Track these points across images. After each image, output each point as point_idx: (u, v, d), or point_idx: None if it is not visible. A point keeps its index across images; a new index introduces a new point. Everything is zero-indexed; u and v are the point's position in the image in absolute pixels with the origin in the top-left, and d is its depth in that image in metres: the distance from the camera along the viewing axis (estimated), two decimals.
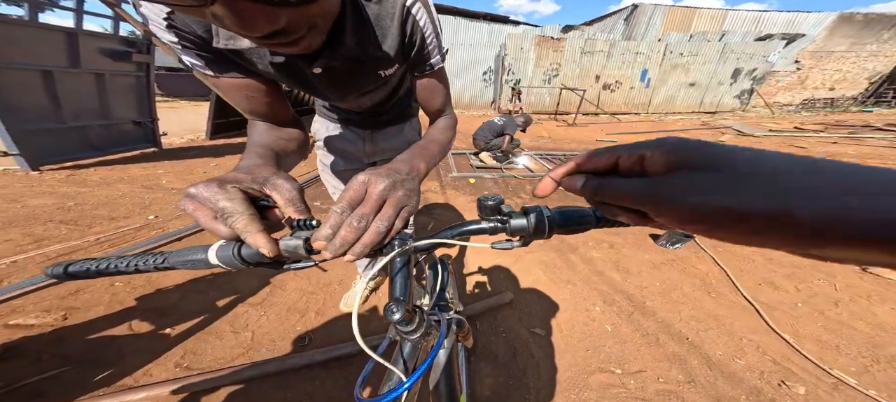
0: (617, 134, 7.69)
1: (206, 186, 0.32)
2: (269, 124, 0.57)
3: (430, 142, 0.60)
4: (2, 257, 1.57)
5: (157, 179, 2.99)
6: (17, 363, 0.97)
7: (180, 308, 1.33)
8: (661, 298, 1.68)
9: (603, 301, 1.63)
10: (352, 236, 0.32)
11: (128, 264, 0.33)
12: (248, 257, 0.32)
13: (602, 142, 6.96)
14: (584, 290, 1.71)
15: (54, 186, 2.56)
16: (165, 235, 1.90)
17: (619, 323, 1.49)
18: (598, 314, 1.54)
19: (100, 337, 1.13)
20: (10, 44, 2.72)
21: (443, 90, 0.67)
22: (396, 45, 0.57)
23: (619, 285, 1.78)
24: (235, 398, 0.98)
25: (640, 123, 9.76)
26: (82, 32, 3.22)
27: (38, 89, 2.98)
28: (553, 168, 0.29)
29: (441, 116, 0.70)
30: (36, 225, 1.91)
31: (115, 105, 3.67)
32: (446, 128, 0.67)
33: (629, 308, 1.59)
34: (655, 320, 1.52)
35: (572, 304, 1.60)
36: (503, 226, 0.36)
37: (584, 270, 1.91)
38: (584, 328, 1.44)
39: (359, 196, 0.34)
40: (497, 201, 0.36)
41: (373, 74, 0.62)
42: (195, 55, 0.46)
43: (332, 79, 0.58)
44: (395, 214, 0.35)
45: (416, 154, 0.50)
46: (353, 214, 0.32)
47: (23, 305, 1.24)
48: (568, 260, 2.00)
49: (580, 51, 10.75)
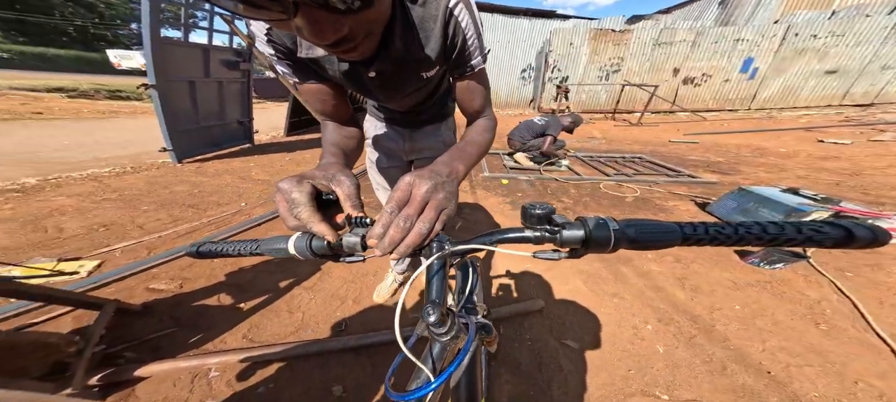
0: (697, 134, 6.41)
1: (289, 181, 0.38)
2: (336, 124, 0.67)
3: (469, 143, 0.60)
4: (154, 232, 2.16)
5: (248, 172, 3.62)
6: (150, 320, 1.35)
7: (253, 286, 1.62)
8: (740, 323, 1.40)
9: (657, 320, 1.43)
10: (398, 236, 0.34)
11: (234, 249, 0.41)
12: (317, 249, 0.38)
13: (676, 142, 5.84)
14: (633, 305, 1.52)
15: (188, 177, 3.33)
16: (251, 220, 2.33)
17: (674, 345, 1.30)
18: (648, 333, 1.36)
19: (199, 305, 1.47)
20: (173, 61, 3.52)
21: (483, 92, 0.67)
22: (439, 48, 0.58)
23: (681, 304, 1.54)
24: (283, 373, 1.16)
25: (736, 122, 7.96)
26: (212, 47, 4.01)
27: (185, 96, 3.82)
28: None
29: (480, 117, 0.69)
30: (174, 208, 2.55)
31: (227, 108, 4.54)
32: (485, 129, 0.66)
33: (692, 331, 1.37)
34: (726, 348, 1.28)
35: (616, 319, 1.44)
36: (552, 236, 0.34)
37: (638, 284, 1.67)
38: (628, 347, 1.30)
39: (405, 197, 0.36)
40: (546, 211, 0.35)
41: (416, 76, 0.65)
42: (285, 65, 0.58)
43: (383, 81, 0.63)
44: (435, 216, 0.36)
45: (455, 156, 0.51)
46: (400, 214, 0.35)
47: (158, 273, 1.69)
48: (617, 272, 1.76)
49: (651, 43, 9.49)
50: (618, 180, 3.46)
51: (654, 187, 3.30)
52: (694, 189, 3.21)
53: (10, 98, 9.10)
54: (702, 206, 2.74)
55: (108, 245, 1.96)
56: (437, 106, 0.98)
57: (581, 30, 9.73)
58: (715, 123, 8.04)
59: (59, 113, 7.48)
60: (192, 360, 1.13)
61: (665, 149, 5.36)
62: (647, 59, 9.81)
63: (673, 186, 3.32)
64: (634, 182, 3.43)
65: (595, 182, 3.42)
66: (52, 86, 11.82)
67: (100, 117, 7.46)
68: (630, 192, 3.15)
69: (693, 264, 1.84)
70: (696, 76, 9.78)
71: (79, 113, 7.80)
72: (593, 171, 3.89)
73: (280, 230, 2.27)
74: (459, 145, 0.58)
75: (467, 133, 0.65)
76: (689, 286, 1.66)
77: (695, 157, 4.70)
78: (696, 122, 8.30)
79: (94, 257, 1.84)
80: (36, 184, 2.96)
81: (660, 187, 3.30)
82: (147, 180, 3.16)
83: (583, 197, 3.03)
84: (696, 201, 2.87)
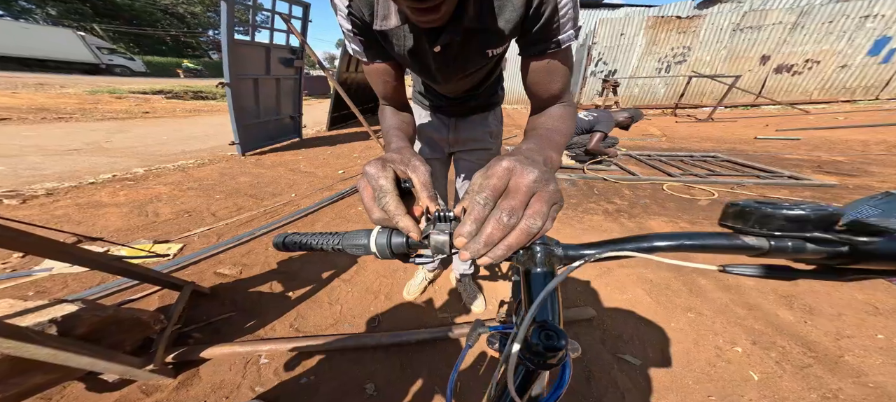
0: (797, 129, 5.27)
1: (375, 164, 0.35)
2: (394, 109, 0.69)
3: (554, 132, 0.51)
4: (222, 219, 2.45)
5: (297, 164, 3.88)
6: (215, 303, 1.52)
7: (300, 275, 1.74)
8: (883, 356, 1.12)
9: (751, 342, 1.21)
10: (498, 234, 0.27)
11: (317, 242, 0.37)
12: (396, 248, 0.34)
13: (765, 139, 4.95)
14: (716, 323, 1.30)
15: (250, 168, 3.70)
16: (298, 211, 2.49)
17: (777, 374, 1.09)
18: (737, 356, 1.16)
19: (254, 292, 1.62)
20: (241, 60, 3.88)
21: (566, 74, 0.57)
22: (515, 19, 0.51)
23: (788, 326, 1.28)
24: (322, 365, 1.22)
25: (858, 115, 6.45)
26: (273, 46, 4.34)
27: (250, 93, 4.21)
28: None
29: (557, 103, 0.59)
30: (239, 197, 2.87)
31: (282, 103, 4.92)
32: (566, 117, 0.56)
33: (805, 359, 1.14)
34: (861, 384, 1.04)
35: (692, 336, 1.24)
36: (779, 246, 0.26)
37: (721, 298, 1.42)
38: (707, 369, 1.11)
39: (502, 186, 0.29)
40: (818, 212, 0.25)
41: (481, 53, 0.61)
42: (358, 42, 0.59)
43: (446, 58, 0.61)
44: (548, 211, 0.28)
45: (545, 144, 0.45)
46: (500, 207, 0.28)
47: (224, 258, 1.91)
48: (692, 283, 1.51)
49: (730, 28, 8.41)
50: (686, 181, 3.00)
51: (740, 189, 2.79)
52: (800, 193, 2.70)
53: (128, 100, 11.13)
54: None
55: (189, 230, 2.27)
56: (488, 93, 0.94)
57: (635, 18, 8.97)
58: (822, 116, 6.64)
59: (160, 112, 8.94)
60: (247, 346, 1.24)
61: (750, 147, 4.64)
62: (723, 47, 8.76)
63: (767, 190, 2.78)
64: (709, 184, 2.94)
65: (656, 183, 3.00)
66: (155, 89, 14.16)
67: (188, 116, 8.72)
68: (704, 194, 2.71)
69: (805, 279, 1.50)
70: (794, 63, 8.34)
71: (173, 112, 9.23)
72: (652, 170, 3.43)
73: (324, 225, 2.40)
74: (542, 133, 0.49)
75: (545, 120, 0.55)
76: (799, 307, 1.37)
77: (796, 155, 3.98)
78: (793, 116, 7.03)
79: (179, 240, 2.16)
80: (143, 174, 3.57)
81: (747, 189, 2.80)
82: (219, 171, 3.60)
83: (641, 199, 2.68)
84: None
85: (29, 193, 2.73)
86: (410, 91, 1.07)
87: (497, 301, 1.55)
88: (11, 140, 4.73)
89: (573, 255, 0.32)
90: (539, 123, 0.55)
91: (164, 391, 1.08)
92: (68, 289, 1.57)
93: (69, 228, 2.18)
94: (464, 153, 1.09)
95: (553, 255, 0.32)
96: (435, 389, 1.13)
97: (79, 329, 0.94)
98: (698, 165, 3.68)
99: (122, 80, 19.00)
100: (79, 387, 1.04)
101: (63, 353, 0.84)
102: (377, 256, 0.34)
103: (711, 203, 2.57)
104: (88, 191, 2.86)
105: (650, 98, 9.54)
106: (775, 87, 8.74)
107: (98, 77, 19.46)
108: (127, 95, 12.68)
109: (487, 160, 1.12)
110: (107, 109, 8.62)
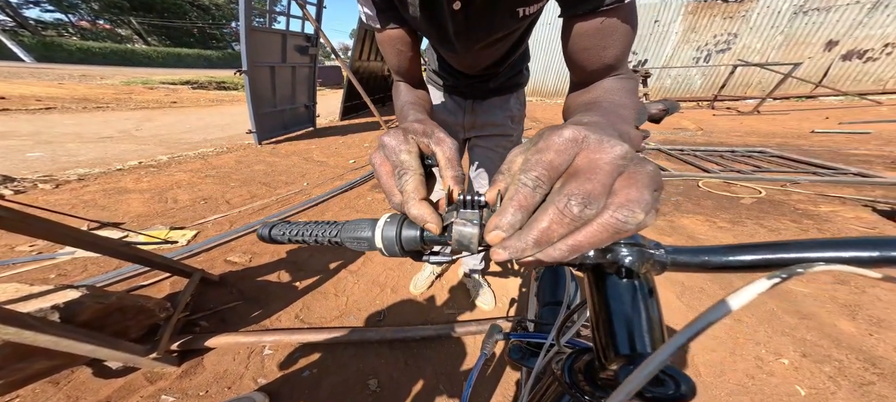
0: (866, 122, 4.75)
1: (394, 134, 0.30)
2: (408, 86, 0.64)
3: (620, 106, 0.38)
4: (237, 207, 2.48)
5: (310, 153, 3.89)
6: (222, 291, 1.53)
7: (307, 265, 1.71)
8: None
9: (801, 354, 1.09)
10: (560, 229, 0.19)
11: (310, 234, 0.32)
12: (407, 242, 0.28)
13: (824, 133, 4.48)
14: (758, 331, 1.18)
15: (264, 157, 3.74)
16: (310, 200, 2.48)
17: (829, 390, 0.98)
18: (782, 369, 1.04)
19: (262, 280, 1.61)
20: (259, 47, 3.88)
21: (626, 35, 0.42)
22: None
23: (848, 339, 1.14)
24: (325, 358, 1.18)
25: None
26: (289, 33, 4.31)
27: (267, 81, 4.21)
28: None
29: (612, 74, 0.45)
30: (253, 185, 2.90)
31: (297, 92, 4.93)
32: (629, 91, 0.43)
33: (867, 375, 1.01)
34: None
35: (729, 345, 1.12)
36: None
37: (766, 305, 1.29)
38: (745, 381, 1.01)
39: (564, 162, 0.20)
40: None
41: (510, 12, 0.52)
42: (371, 4, 0.53)
43: (468, 20, 0.54)
44: (650, 199, 0.18)
45: (614, 119, 0.33)
46: (567, 192, 0.19)
47: (234, 246, 1.92)
48: (731, 287, 1.35)
49: (791, 11, 7.70)
50: (726, 178, 2.73)
51: (793, 187, 2.51)
52: (869, 191, 2.40)
53: (158, 91, 11.67)
54: (890, 214, 1.99)
55: (204, 217, 2.31)
56: (511, 71, 0.84)
57: (673, 4, 8.38)
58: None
59: (186, 102, 9.29)
60: (251, 336, 1.22)
61: (804, 141, 4.22)
62: (779, 32, 8.00)
63: (827, 188, 2.50)
64: (754, 181, 2.66)
65: (690, 179, 2.76)
66: (183, 80, 14.77)
67: (211, 105, 9.00)
68: (748, 192, 2.45)
69: (873, 288, 1.33)
70: (870, 48, 7.46)
71: (198, 102, 9.57)
72: (685, 166, 3.17)
73: (333, 215, 2.38)
74: (606, 107, 0.37)
75: (603, 93, 0.43)
76: (863, 318, 1.21)
77: (864, 151, 3.57)
78: (861, 107, 6.34)
79: (195, 227, 2.20)
80: (166, 161, 3.69)
81: (801, 188, 2.51)
82: (236, 159, 3.66)
83: (672, 196, 2.47)
84: (876, 206, 2.14)
85: (62, 178, 2.87)
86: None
87: (507, 299, 1.46)
88: (54, 128, 5.03)
89: (685, 262, 0.22)
90: (593, 96, 0.43)
91: (167, 379, 1.08)
92: (87, 273, 1.61)
93: (95, 212, 2.27)
94: (480, 139, 0.99)
95: (651, 260, 0.23)
96: (439, 387, 1.07)
97: (82, 316, 0.94)
98: (741, 161, 3.37)
99: (152, 70, 19.96)
100: (86, 373, 1.06)
101: (64, 340, 0.83)
102: (383, 252, 0.28)
103: (758, 201, 2.34)
104: (115, 177, 2.98)
105: (685, 90, 8.96)
106: (840, 75, 7.87)
107: (133, 68, 20.58)
108: (158, 85, 13.30)
109: (507, 148, 1.01)
110: (139, 99, 9.07)
